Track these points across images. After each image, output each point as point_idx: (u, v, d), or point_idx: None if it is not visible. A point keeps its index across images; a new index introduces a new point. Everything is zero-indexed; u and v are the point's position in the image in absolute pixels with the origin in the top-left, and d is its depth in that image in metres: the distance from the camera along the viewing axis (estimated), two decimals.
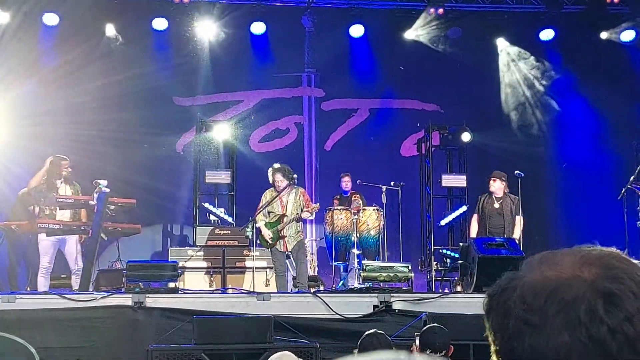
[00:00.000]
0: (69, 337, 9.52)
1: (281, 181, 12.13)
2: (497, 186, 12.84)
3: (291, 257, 12.28)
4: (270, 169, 12.33)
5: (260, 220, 12.14)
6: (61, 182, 11.98)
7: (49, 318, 9.64)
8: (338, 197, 13.42)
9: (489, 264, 10.75)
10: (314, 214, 12.47)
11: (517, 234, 12.62)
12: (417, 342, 6.77)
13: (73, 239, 11.85)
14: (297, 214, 12.11)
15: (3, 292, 10.44)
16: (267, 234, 12.04)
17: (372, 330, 6.44)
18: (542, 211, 15.78)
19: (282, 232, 12.10)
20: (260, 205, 12.23)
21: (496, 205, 12.80)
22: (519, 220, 12.75)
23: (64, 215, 11.90)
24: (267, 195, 12.29)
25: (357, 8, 15.71)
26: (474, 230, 12.91)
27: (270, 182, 12.29)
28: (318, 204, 12.81)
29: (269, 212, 12.18)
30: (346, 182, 13.38)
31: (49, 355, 9.29)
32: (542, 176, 16.01)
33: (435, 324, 8.21)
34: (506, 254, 10.91)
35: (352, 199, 13.19)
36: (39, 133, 15.17)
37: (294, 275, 12.46)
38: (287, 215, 12.11)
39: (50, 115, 15.18)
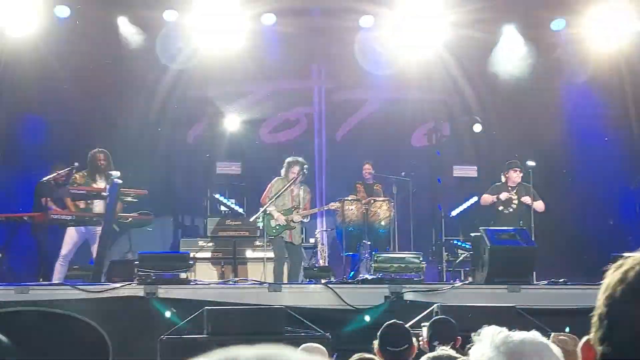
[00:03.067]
0: None
1: (298, 174, 12.20)
2: (517, 176, 12.95)
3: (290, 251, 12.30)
4: (289, 160, 12.34)
5: (271, 206, 12.17)
6: (101, 176, 12.05)
7: (62, 309, 9.66)
8: (361, 183, 13.31)
9: (501, 255, 10.74)
10: (309, 218, 12.61)
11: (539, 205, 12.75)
12: (425, 333, 6.81)
13: None
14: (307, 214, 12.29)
15: (16, 284, 10.49)
16: (281, 218, 12.10)
17: (392, 321, 6.43)
18: (555, 201, 15.69)
19: (291, 223, 12.14)
20: (270, 194, 12.25)
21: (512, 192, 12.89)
22: (540, 203, 12.84)
23: (99, 207, 11.95)
24: (279, 184, 12.30)
25: None
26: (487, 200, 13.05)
27: (283, 172, 12.32)
28: (332, 204, 12.75)
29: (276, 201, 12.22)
30: (367, 170, 13.31)
31: None
32: (554, 166, 15.94)
33: (442, 316, 8.23)
34: (518, 244, 10.90)
35: (375, 188, 13.16)
36: (50, 126, 15.24)
37: (304, 265, 12.54)
38: (299, 208, 12.19)
39: (61, 107, 15.22)
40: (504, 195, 12.85)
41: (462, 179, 15.38)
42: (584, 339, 1.61)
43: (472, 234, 11.90)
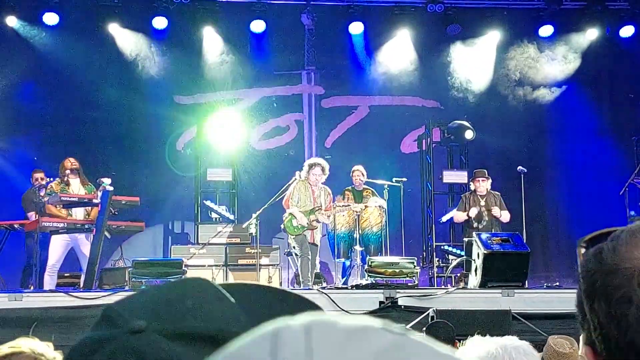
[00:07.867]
0: (75, 335, 9.51)
1: (319, 176, 12.12)
2: (485, 185, 12.96)
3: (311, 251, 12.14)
4: (310, 162, 12.30)
5: (293, 207, 12.10)
6: (75, 179, 11.93)
7: (55, 316, 9.65)
8: (350, 189, 13.12)
9: (495, 260, 10.75)
10: (331, 217, 12.47)
11: (504, 216, 12.78)
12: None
13: (88, 240, 11.82)
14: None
15: (9, 290, 10.44)
16: (304, 219, 11.96)
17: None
18: (544, 207, 15.81)
19: (313, 223, 12.05)
20: (293, 197, 12.08)
21: (482, 202, 12.88)
22: (506, 214, 12.84)
23: (77, 215, 11.90)
24: (301, 186, 12.15)
25: (356, 5, 15.68)
26: (460, 219, 13.03)
27: (304, 174, 12.17)
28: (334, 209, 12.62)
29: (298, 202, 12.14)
30: (358, 176, 13.11)
31: None
32: (544, 172, 16.03)
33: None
34: (512, 249, 10.92)
35: (364, 194, 12.97)
36: (39, 133, 15.20)
37: (296, 272, 12.47)
38: (321, 208, 12.09)
39: (50, 115, 15.20)
40: (473, 212, 12.84)
41: (452, 184, 15.40)
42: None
43: (465, 239, 11.91)
